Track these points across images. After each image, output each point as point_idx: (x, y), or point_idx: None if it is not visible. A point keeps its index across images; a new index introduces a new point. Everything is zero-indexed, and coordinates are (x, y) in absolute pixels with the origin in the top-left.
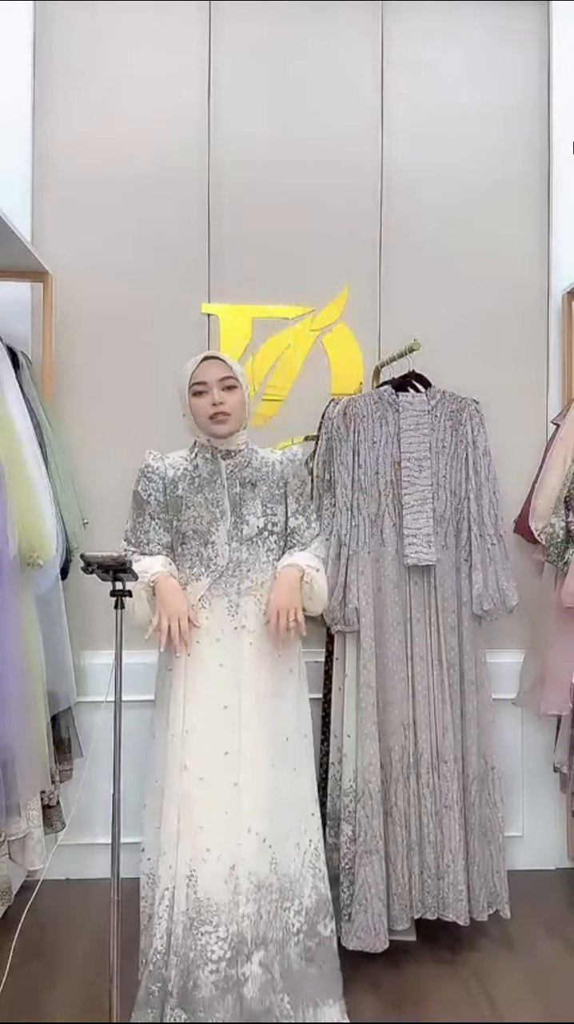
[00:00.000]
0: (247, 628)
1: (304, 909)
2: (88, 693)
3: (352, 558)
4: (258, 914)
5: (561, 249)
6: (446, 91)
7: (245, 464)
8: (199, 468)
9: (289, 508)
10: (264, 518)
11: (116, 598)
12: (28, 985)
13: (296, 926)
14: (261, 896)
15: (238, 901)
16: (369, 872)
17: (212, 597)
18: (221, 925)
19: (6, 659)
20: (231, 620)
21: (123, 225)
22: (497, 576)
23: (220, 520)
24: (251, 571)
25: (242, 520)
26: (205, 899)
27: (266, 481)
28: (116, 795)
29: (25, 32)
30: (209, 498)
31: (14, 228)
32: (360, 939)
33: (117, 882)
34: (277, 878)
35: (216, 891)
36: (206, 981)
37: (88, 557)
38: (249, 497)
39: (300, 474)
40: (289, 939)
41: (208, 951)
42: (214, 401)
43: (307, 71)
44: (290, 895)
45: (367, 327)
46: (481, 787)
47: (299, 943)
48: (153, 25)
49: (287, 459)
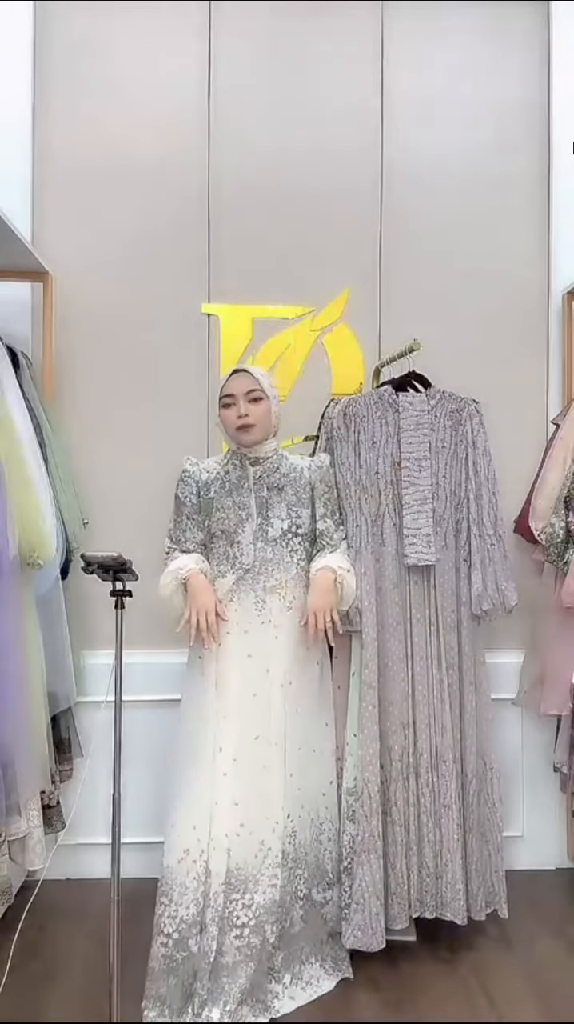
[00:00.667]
0: (273, 623)
1: (309, 875)
2: (88, 693)
3: (355, 558)
4: (281, 881)
5: (561, 249)
6: (446, 91)
7: (274, 469)
8: (230, 473)
9: (317, 512)
10: (289, 520)
11: (116, 598)
12: (28, 985)
13: (303, 892)
14: (283, 865)
15: (266, 873)
16: (366, 871)
17: (240, 592)
18: (247, 893)
19: (6, 659)
20: (258, 615)
21: (123, 225)
22: (496, 576)
23: (246, 522)
24: (276, 570)
25: (267, 522)
26: (236, 870)
27: (293, 486)
28: (116, 795)
29: (25, 32)
30: (237, 501)
31: (14, 228)
32: (357, 938)
33: (117, 882)
34: (294, 848)
35: (248, 863)
36: (231, 947)
37: (88, 557)
38: (276, 501)
39: (327, 480)
40: (295, 903)
41: (234, 917)
42: (239, 413)
43: (307, 71)
44: (303, 864)
45: (367, 327)
46: (480, 786)
47: (302, 907)
48: (153, 25)
49: (315, 466)
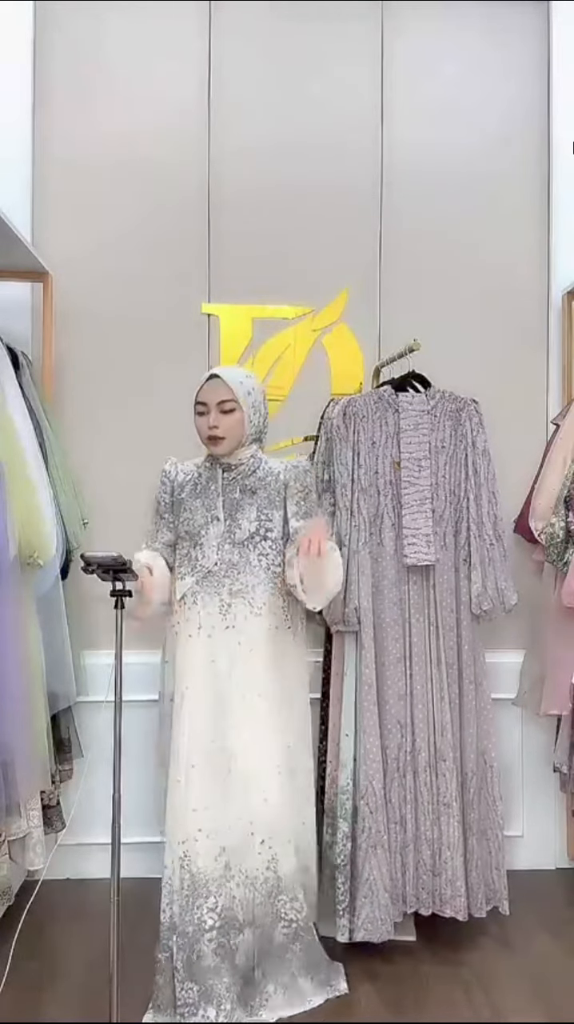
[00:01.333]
0: (237, 628)
1: (297, 902)
2: (88, 693)
3: (352, 558)
4: (251, 901)
5: (561, 249)
6: (446, 91)
7: (248, 473)
8: (202, 476)
9: (289, 511)
10: (257, 522)
11: (116, 598)
12: (28, 985)
13: (290, 916)
14: (255, 888)
15: (228, 877)
16: (374, 865)
17: (203, 595)
18: (211, 896)
19: (6, 659)
20: (223, 619)
21: (123, 225)
22: (496, 576)
23: (211, 524)
24: (242, 574)
25: (235, 524)
26: (199, 874)
27: (267, 489)
28: (116, 795)
29: (25, 32)
30: (204, 503)
31: (14, 228)
32: (367, 930)
33: (117, 882)
34: (274, 875)
35: (207, 867)
36: (207, 951)
37: (88, 557)
38: (247, 503)
39: (302, 480)
40: (277, 924)
41: (204, 922)
42: (210, 424)
43: (307, 71)
44: (285, 889)
45: (367, 327)
46: (480, 784)
47: (287, 927)
48: (153, 25)
49: (290, 466)
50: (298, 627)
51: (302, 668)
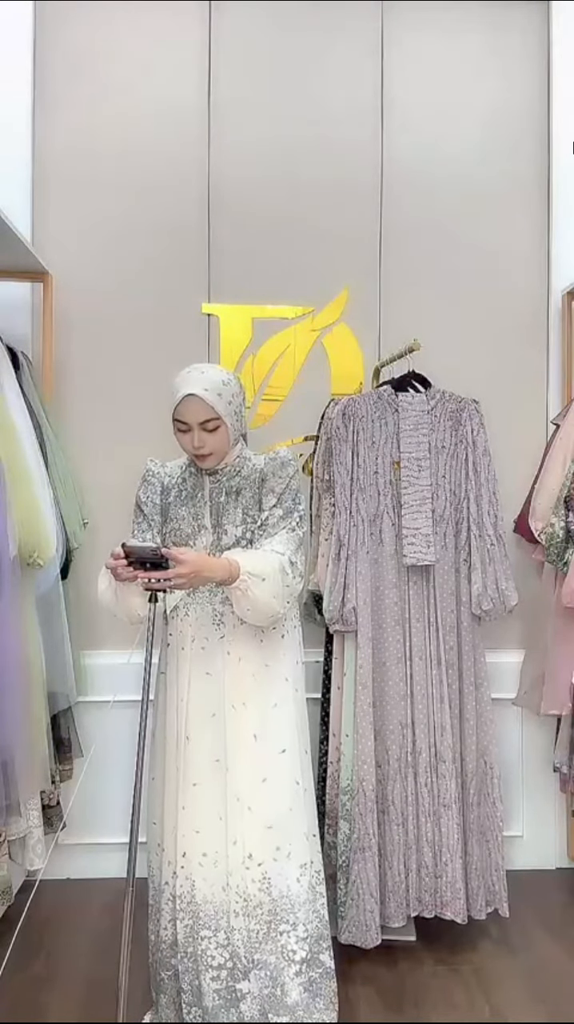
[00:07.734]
0: (227, 638)
1: (308, 936)
2: (88, 693)
3: (351, 558)
4: (248, 931)
5: (561, 249)
6: (446, 91)
7: (233, 474)
8: (186, 482)
9: (263, 503)
10: (243, 526)
11: (151, 592)
12: (28, 985)
13: (299, 955)
14: (250, 913)
15: (234, 911)
16: (361, 869)
17: (196, 606)
18: (219, 931)
19: (6, 659)
20: (216, 630)
21: (123, 225)
22: (496, 576)
23: (200, 533)
24: None
25: (222, 530)
26: (203, 903)
27: (251, 487)
28: (136, 797)
29: (25, 32)
30: (191, 512)
31: (14, 228)
32: (351, 934)
33: (132, 878)
34: (270, 899)
35: (214, 897)
36: (209, 989)
37: (129, 548)
38: (232, 507)
39: (281, 472)
40: (288, 967)
41: (208, 956)
42: (194, 444)
43: (307, 70)
44: (288, 918)
45: (367, 327)
46: (480, 786)
47: (302, 973)
48: (153, 25)
49: (268, 459)
50: (291, 632)
51: (297, 673)
